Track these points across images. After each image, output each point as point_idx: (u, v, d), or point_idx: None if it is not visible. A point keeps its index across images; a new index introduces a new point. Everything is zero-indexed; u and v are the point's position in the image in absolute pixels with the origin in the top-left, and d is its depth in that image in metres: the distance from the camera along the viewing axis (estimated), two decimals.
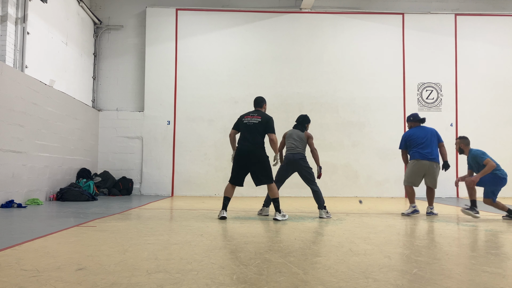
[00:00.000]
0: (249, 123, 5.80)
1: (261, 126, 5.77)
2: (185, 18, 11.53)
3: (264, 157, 5.79)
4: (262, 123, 5.77)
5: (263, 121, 5.78)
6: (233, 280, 2.56)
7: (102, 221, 5.32)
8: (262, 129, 5.78)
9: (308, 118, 6.55)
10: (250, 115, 5.89)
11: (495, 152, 11.46)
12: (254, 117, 5.84)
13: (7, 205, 6.73)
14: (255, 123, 5.78)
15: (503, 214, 6.58)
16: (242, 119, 5.90)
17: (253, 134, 5.75)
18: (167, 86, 11.38)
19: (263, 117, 5.83)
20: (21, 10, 7.67)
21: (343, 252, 3.50)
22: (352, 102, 11.58)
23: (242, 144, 5.81)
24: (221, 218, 5.70)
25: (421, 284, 2.54)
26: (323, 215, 6.10)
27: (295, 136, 6.32)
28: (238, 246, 3.79)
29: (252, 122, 5.80)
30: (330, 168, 11.31)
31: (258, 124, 5.77)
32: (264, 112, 5.97)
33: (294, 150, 6.23)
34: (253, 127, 5.77)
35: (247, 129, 5.79)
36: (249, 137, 5.76)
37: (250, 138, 5.75)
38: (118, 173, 10.98)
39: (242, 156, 5.76)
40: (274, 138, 5.76)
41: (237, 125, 5.98)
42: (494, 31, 11.87)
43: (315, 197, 6.19)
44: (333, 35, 11.72)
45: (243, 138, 5.82)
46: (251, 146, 5.74)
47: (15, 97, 7.15)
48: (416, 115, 7.00)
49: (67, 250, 3.48)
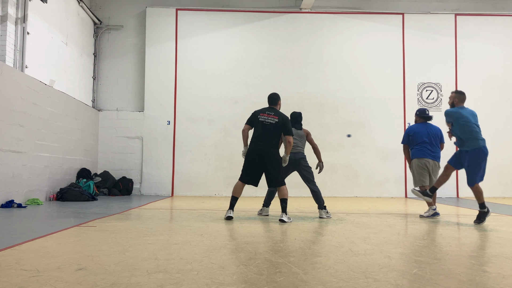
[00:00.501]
0: (266, 122, 5.62)
1: (278, 127, 5.61)
2: (185, 18, 11.53)
3: (278, 157, 5.65)
4: (279, 124, 5.61)
5: (280, 122, 5.62)
6: (233, 280, 2.56)
7: (102, 221, 5.32)
8: (279, 130, 5.63)
9: (301, 115, 6.55)
10: (267, 114, 5.68)
11: (495, 152, 11.51)
12: (270, 116, 5.65)
13: (7, 205, 6.73)
14: (272, 123, 5.61)
15: None
16: (258, 116, 5.69)
17: (269, 134, 5.59)
18: (167, 86, 11.39)
19: (280, 117, 5.66)
20: (21, 10, 7.67)
21: (343, 252, 3.50)
22: (352, 102, 11.59)
23: (257, 144, 5.61)
24: (227, 219, 5.55)
25: (421, 284, 2.54)
26: (323, 215, 6.09)
27: (295, 134, 6.30)
28: (238, 246, 3.79)
29: (269, 121, 5.62)
30: (330, 168, 11.30)
31: (274, 125, 5.61)
32: (280, 112, 5.79)
33: (294, 149, 6.20)
34: (270, 127, 5.60)
35: (263, 129, 5.61)
36: (265, 137, 5.58)
37: (266, 139, 5.58)
38: (118, 173, 10.98)
39: (257, 156, 5.59)
40: (291, 141, 5.66)
41: (251, 121, 5.76)
42: (494, 31, 11.88)
43: (315, 197, 6.18)
44: (333, 35, 11.72)
45: (258, 137, 5.62)
46: (267, 147, 5.58)
47: (15, 97, 7.15)
48: (423, 111, 6.78)
49: (67, 250, 3.48)
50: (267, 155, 5.57)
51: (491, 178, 11.48)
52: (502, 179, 11.54)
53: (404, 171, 11.42)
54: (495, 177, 11.47)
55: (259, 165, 5.61)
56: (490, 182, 11.50)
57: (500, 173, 11.51)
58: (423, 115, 6.74)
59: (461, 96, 6.00)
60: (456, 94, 6.00)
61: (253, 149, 5.63)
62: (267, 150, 5.58)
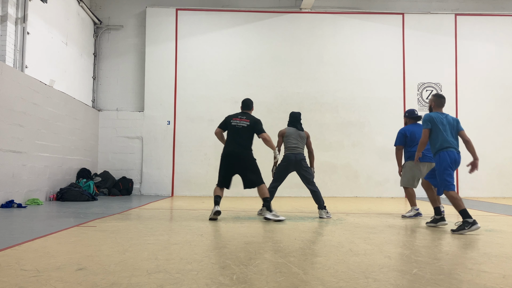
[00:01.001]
0: (238, 126, 5.83)
1: (249, 129, 5.83)
2: (185, 18, 11.53)
3: (252, 159, 5.84)
4: (250, 126, 5.83)
5: (251, 123, 5.84)
6: (233, 280, 2.55)
7: (102, 221, 5.32)
8: (251, 132, 5.85)
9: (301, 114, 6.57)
10: (239, 118, 5.91)
11: (496, 152, 11.54)
12: (242, 120, 5.88)
13: (7, 205, 6.74)
14: (244, 126, 5.83)
15: None
16: (230, 121, 5.92)
17: (242, 137, 5.80)
18: (167, 86, 11.38)
19: (251, 120, 5.88)
20: (21, 10, 7.67)
21: (343, 252, 3.50)
22: (352, 102, 11.58)
23: (230, 147, 5.82)
24: (215, 213, 5.57)
25: (421, 284, 2.54)
26: (323, 215, 6.09)
27: (297, 135, 6.29)
28: (238, 246, 3.79)
29: (241, 125, 5.84)
30: (330, 168, 11.31)
31: (246, 128, 5.82)
32: (251, 115, 6.02)
33: (295, 150, 6.20)
34: (242, 130, 5.81)
35: (236, 132, 5.82)
36: (238, 140, 5.79)
37: (239, 141, 5.78)
38: (118, 173, 10.98)
39: (231, 159, 5.77)
40: (266, 137, 5.80)
41: (224, 125, 5.99)
42: (494, 31, 11.87)
43: (315, 198, 6.19)
44: (333, 35, 11.72)
45: (232, 140, 5.83)
46: (240, 149, 5.77)
47: (15, 97, 7.15)
48: (412, 112, 6.68)
49: (67, 250, 3.48)
50: (243, 157, 5.76)
51: (491, 178, 11.50)
52: (502, 179, 11.53)
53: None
54: (495, 177, 11.47)
55: (233, 167, 5.79)
56: (490, 182, 11.53)
57: (500, 173, 11.51)
58: (413, 116, 6.64)
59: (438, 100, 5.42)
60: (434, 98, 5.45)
61: (227, 152, 5.81)
62: (240, 152, 5.77)
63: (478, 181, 11.35)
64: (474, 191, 11.38)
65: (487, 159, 11.38)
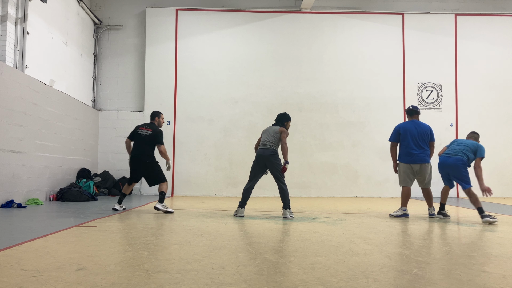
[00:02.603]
0: (142, 135, 6.67)
1: (151, 138, 6.65)
2: (185, 18, 11.53)
3: (153, 162, 6.70)
4: (152, 136, 6.65)
5: (153, 134, 6.66)
6: (233, 280, 2.55)
7: (102, 221, 5.32)
8: (153, 141, 6.67)
9: (287, 115, 6.47)
10: (144, 127, 6.75)
11: (495, 152, 11.53)
12: (146, 129, 6.71)
13: (7, 205, 6.73)
14: (147, 135, 6.66)
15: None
16: (137, 130, 6.75)
17: (144, 144, 6.65)
18: (167, 86, 11.38)
19: (154, 130, 6.70)
20: (21, 10, 7.67)
21: (343, 252, 3.50)
22: (352, 102, 11.58)
23: (134, 153, 6.69)
24: (113, 209, 6.62)
25: (421, 284, 2.54)
26: (287, 215, 6.02)
27: (270, 131, 6.28)
28: (238, 246, 3.79)
29: (145, 134, 6.67)
30: (330, 168, 11.31)
31: (149, 136, 6.65)
32: (156, 125, 6.83)
33: (265, 145, 6.18)
34: (145, 139, 6.65)
35: (140, 140, 6.68)
36: (141, 147, 6.65)
37: (141, 148, 6.65)
38: (118, 173, 10.97)
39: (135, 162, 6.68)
40: (162, 149, 6.68)
41: (132, 135, 6.81)
42: (494, 31, 11.88)
43: (282, 196, 6.11)
44: (333, 35, 11.72)
45: (136, 147, 6.69)
46: (142, 155, 6.64)
47: (15, 97, 7.15)
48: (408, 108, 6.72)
49: (67, 250, 3.48)
50: (143, 161, 6.65)
51: (491, 178, 11.49)
52: (502, 179, 11.53)
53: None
54: (495, 177, 11.47)
55: (138, 169, 6.73)
56: (490, 182, 11.48)
57: (500, 173, 11.51)
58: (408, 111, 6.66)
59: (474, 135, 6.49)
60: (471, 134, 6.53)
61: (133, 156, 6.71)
62: (142, 157, 6.65)
63: None
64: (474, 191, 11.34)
65: (487, 159, 11.33)
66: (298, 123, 11.42)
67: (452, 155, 6.19)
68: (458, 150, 6.20)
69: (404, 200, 6.45)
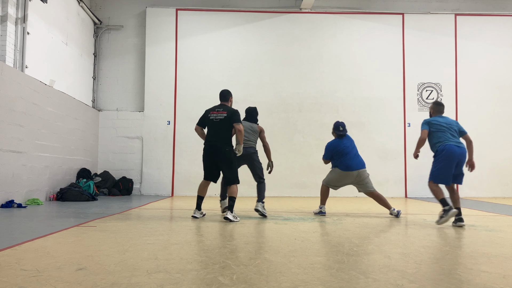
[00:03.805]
0: (216, 119, 5.69)
1: (227, 120, 5.64)
2: (185, 18, 11.53)
3: (232, 152, 5.67)
4: (227, 118, 5.64)
5: (228, 114, 5.65)
6: (233, 280, 2.55)
7: (102, 221, 5.32)
8: (229, 124, 5.64)
9: (257, 110, 6.52)
10: (216, 111, 5.75)
11: (496, 152, 11.53)
12: (219, 113, 5.71)
13: (7, 205, 6.73)
14: (221, 118, 5.66)
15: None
16: (208, 115, 5.78)
17: (220, 130, 5.64)
18: (167, 86, 11.38)
19: (228, 110, 5.70)
20: (21, 10, 7.67)
21: (343, 252, 3.50)
22: (352, 102, 11.59)
23: (209, 141, 5.72)
24: (192, 217, 5.66)
25: (421, 284, 2.54)
26: (258, 208, 6.02)
27: (248, 128, 6.23)
28: (238, 246, 3.79)
29: (218, 118, 5.67)
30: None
31: (224, 120, 5.65)
32: (229, 106, 5.85)
33: (246, 143, 6.11)
34: (220, 123, 5.66)
35: (214, 126, 5.70)
36: (216, 133, 5.66)
37: (216, 135, 5.65)
38: (118, 173, 10.98)
39: (211, 151, 5.68)
40: (240, 128, 5.58)
41: (202, 121, 5.89)
42: (494, 31, 11.88)
43: (258, 189, 6.10)
44: (333, 35, 11.72)
45: (210, 135, 5.73)
46: (218, 142, 5.64)
47: (15, 97, 7.15)
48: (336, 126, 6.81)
49: (67, 250, 3.48)
50: (220, 151, 5.62)
51: (491, 178, 11.51)
52: (502, 179, 11.53)
53: (404, 171, 11.43)
54: (495, 177, 11.47)
55: (214, 162, 5.70)
56: (490, 182, 11.53)
57: (500, 173, 11.51)
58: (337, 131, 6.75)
59: (437, 107, 5.79)
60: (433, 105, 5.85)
61: (207, 147, 5.73)
62: (218, 145, 5.64)
63: (478, 181, 11.35)
64: (474, 191, 11.38)
65: (487, 159, 11.39)
66: (298, 123, 11.43)
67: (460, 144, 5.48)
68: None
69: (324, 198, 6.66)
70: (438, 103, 5.85)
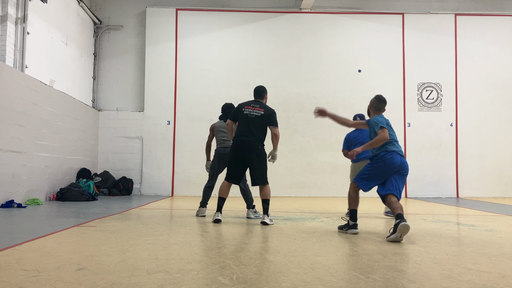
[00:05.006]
0: (251, 115, 5.27)
1: (264, 119, 5.28)
2: (185, 18, 11.53)
3: (264, 151, 5.32)
4: (265, 117, 5.28)
5: (266, 114, 5.29)
6: (233, 280, 2.55)
7: (102, 221, 5.32)
8: (265, 124, 5.30)
9: (232, 106, 6.19)
10: (252, 106, 5.33)
11: (496, 152, 11.54)
12: (256, 109, 5.30)
13: (7, 205, 6.73)
14: (258, 115, 5.27)
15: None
16: (242, 109, 5.34)
17: (254, 127, 5.24)
18: (167, 86, 11.38)
19: (266, 109, 5.32)
20: (21, 10, 7.67)
21: (343, 252, 3.50)
22: (352, 102, 11.57)
23: (239, 137, 5.28)
24: (215, 221, 5.24)
25: (421, 284, 2.54)
26: (249, 216, 5.96)
27: (223, 128, 6.12)
28: (238, 246, 3.79)
29: (254, 114, 5.27)
30: (330, 168, 11.30)
31: (260, 117, 5.27)
32: (266, 104, 5.47)
33: (225, 143, 6.04)
34: (255, 120, 5.26)
35: (248, 121, 5.26)
36: (249, 130, 5.23)
37: (250, 132, 5.22)
38: (118, 173, 10.98)
39: (241, 148, 5.24)
40: (277, 133, 5.31)
41: (235, 115, 5.44)
42: (494, 31, 11.88)
43: (244, 196, 5.95)
44: (333, 35, 11.72)
45: (242, 131, 5.27)
46: (251, 139, 5.23)
47: (15, 97, 7.15)
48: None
49: (67, 250, 3.48)
50: (253, 150, 5.22)
51: (491, 178, 11.51)
52: (502, 179, 11.53)
53: None
54: (495, 177, 11.47)
55: (243, 160, 5.27)
56: (490, 182, 11.52)
57: (500, 173, 11.51)
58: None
59: (376, 104, 5.14)
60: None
61: (236, 144, 5.30)
62: (251, 144, 5.23)
63: (478, 181, 11.36)
64: (474, 191, 11.38)
65: (487, 159, 11.39)
66: (298, 123, 11.43)
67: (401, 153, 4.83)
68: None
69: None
70: (381, 99, 5.17)
